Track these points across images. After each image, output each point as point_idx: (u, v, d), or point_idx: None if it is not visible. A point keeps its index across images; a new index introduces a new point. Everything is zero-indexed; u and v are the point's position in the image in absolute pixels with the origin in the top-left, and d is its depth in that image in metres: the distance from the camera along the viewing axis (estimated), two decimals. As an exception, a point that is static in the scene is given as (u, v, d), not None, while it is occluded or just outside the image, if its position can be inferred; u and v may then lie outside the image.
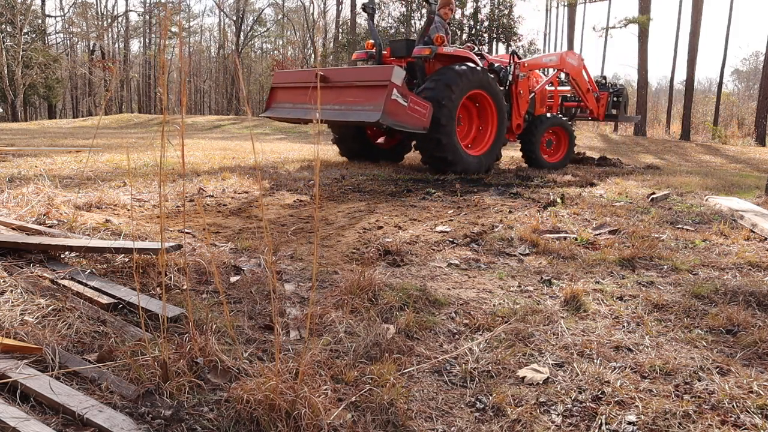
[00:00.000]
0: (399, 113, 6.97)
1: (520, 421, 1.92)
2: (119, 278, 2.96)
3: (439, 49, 7.85)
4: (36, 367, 1.99)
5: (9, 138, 13.36)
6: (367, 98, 7.14)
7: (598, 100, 10.65)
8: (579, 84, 10.30)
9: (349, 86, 7.41)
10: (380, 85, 6.96)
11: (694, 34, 23.46)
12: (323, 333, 2.50)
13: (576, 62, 10.24)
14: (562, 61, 9.99)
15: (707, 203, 6.02)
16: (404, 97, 7.00)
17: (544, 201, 5.83)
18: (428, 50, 7.75)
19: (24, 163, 7.42)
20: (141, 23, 52.49)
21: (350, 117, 7.27)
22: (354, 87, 7.37)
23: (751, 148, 20.40)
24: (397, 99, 6.89)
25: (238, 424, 1.79)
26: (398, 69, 6.95)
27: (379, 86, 6.99)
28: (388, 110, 6.89)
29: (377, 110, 6.82)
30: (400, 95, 6.94)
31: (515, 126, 9.20)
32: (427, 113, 7.28)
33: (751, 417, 1.96)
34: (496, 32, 28.44)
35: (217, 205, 5.27)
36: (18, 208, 4.17)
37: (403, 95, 6.98)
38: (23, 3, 31.41)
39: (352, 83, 7.43)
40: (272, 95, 8.75)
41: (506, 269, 3.63)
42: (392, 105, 6.89)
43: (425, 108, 7.25)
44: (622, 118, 11.17)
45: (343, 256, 3.80)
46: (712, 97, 31.77)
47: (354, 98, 7.31)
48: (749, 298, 3.04)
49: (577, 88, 10.34)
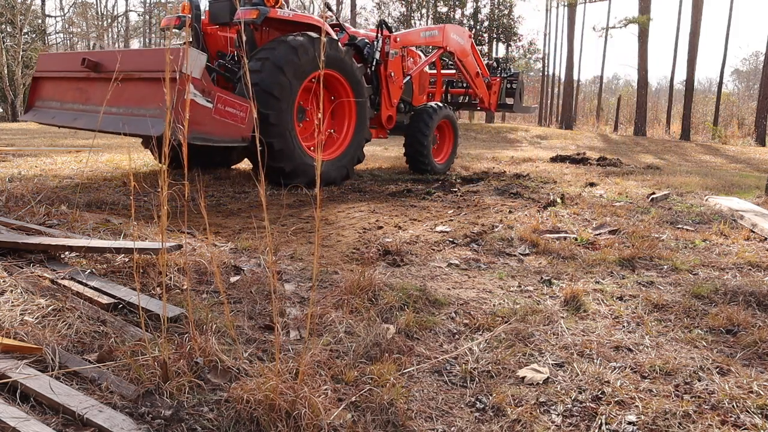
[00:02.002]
0: (201, 121, 4.96)
1: (520, 421, 1.92)
2: (119, 278, 2.96)
3: (272, 11, 5.80)
4: (36, 367, 1.99)
5: (9, 138, 13.36)
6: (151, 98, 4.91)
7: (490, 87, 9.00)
8: (466, 67, 8.51)
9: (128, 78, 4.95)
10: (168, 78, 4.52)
11: (694, 34, 23.44)
12: (323, 333, 2.50)
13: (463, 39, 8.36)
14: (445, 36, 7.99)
15: (707, 203, 6.02)
16: (207, 95, 5.01)
17: (544, 201, 5.83)
18: (255, 13, 5.66)
19: (24, 163, 7.43)
20: (141, 23, 52.52)
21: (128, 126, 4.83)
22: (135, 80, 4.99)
23: (751, 148, 20.40)
24: (196, 100, 4.92)
25: (238, 424, 1.79)
26: (195, 53, 4.88)
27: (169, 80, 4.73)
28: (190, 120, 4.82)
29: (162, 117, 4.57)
30: (201, 93, 4.96)
31: (385, 118, 7.33)
32: (246, 117, 5.31)
33: (751, 417, 1.96)
34: (496, 32, 28.42)
35: (217, 205, 5.27)
36: (18, 208, 4.17)
37: (206, 93, 5.00)
38: (23, 3, 31.41)
39: (131, 74, 4.97)
40: (35, 89, 6.28)
41: (506, 269, 3.63)
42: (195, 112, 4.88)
43: (243, 110, 5.28)
44: (518, 108, 9.52)
45: (343, 256, 3.80)
46: (712, 97, 31.76)
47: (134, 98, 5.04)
48: (749, 298, 3.04)
49: (464, 72, 8.54)
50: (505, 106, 9.44)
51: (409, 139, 7.60)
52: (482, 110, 9.57)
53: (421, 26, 8.29)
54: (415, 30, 8.17)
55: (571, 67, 28.33)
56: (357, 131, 6.60)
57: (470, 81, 8.73)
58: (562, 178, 8.04)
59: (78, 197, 4.84)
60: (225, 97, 5.17)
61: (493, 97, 9.11)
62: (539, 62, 35.04)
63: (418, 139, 7.46)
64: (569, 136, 21.25)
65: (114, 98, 5.01)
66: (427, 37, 7.96)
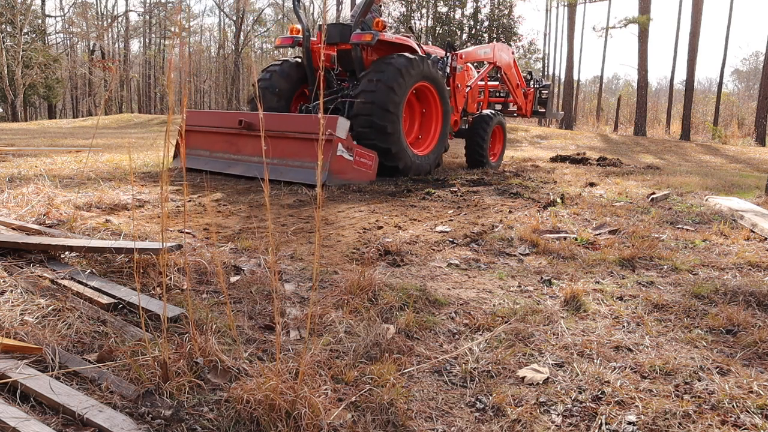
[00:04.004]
0: (345, 170, 6.26)
1: (520, 421, 1.92)
2: (119, 278, 2.96)
3: (381, 35, 7.06)
4: (36, 367, 1.99)
5: (9, 138, 13.36)
6: (309, 154, 6.20)
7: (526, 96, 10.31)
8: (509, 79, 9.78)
9: (283, 137, 6.35)
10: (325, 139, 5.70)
11: (694, 35, 23.45)
12: (323, 333, 2.50)
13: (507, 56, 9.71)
14: (495, 53, 9.40)
15: (707, 203, 6.02)
16: (349, 150, 6.30)
17: (544, 201, 5.83)
18: (369, 36, 6.98)
19: (24, 163, 7.42)
20: (141, 23, 52.48)
21: (288, 176, 6.22)
22: (289, 138, 6.35)
23: (751, 148, 20.40)
24: (342, 155, 6.15)
25: (238, 424, 1.79)
26: (343, 120, 6.22)
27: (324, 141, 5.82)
28: (333, 169, 6.16)
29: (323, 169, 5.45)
30: (346, 150, 6.23)
31: (452, 122, 8.43)
32: (372, 164, 6.65)
33: (751, 417, 1.96)
34: (496, 32, 28.42)
35: (218, 205, 5.27)
36: (18, 208, 4.17)
37: (348, 149, 6.28)
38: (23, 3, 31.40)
39: (285, 134, 6.38)
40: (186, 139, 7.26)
41: (506, 269, 3.63)
42: (338, 163, 6.11)
43: (371, 159, 6.62)
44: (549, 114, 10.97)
45: (343, 256, 3.80)
46: (712, 97, 31.77)
47: (292, 152, 6.33)
48: (749, 298, 3.04)
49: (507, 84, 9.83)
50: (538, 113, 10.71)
51: (471, 140, 8.78)
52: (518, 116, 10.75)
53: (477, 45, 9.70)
54: (474, 48, 9.52)
55: (571, 67, 28.34)
56: (442, 131, 7.86)
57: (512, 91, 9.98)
58: (562, 178, 8.04)
59: (78, 197, 4.84)
60: (360, 151, 6.50)
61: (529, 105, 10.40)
62: (539, 62, 35.08)
63: (478, 141, 8.69)
64: (569, 136, 21.25)
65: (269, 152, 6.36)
66: (482, 55, 9.37)
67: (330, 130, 6.02)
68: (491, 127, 8.77)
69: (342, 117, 6.29)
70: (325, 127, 6.00)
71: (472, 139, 8.72)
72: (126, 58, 49.89)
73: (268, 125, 6.55)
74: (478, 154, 8.75)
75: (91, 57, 46.95)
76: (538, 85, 10.53)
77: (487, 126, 8.69)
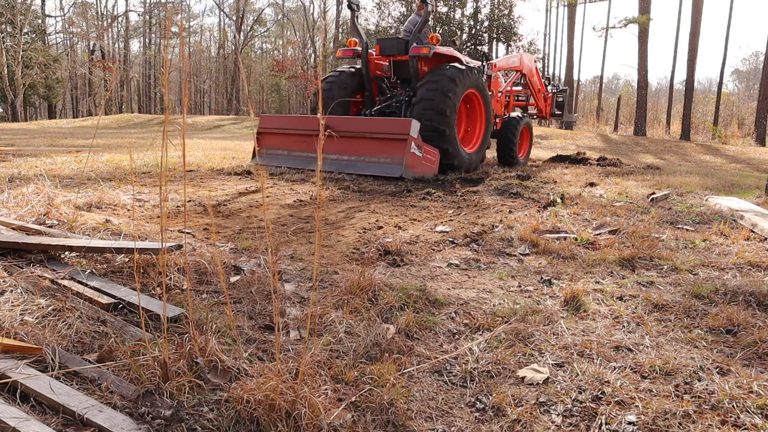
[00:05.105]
0: (416, 165, 7.29)
1: (520, 421, 1.92)
2: (119, 278, 2.96)
3: (436, 48, 7.98)
4: (36, 367, 1.99)
5: (9, 138, 13.36)
6: (385, 151, 7.28)
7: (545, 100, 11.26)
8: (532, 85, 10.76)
9: (359, 137, 7.43)
10: (400, 138, 7.13)
11: (694, 35, 23.45)
12: (323, 333, 2.50)
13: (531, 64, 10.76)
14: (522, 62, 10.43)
15: (707, 203, 6.02)
16: (420, 148, 7.29)
17: (544, 201, 5.82)
18: (426, 49, 7.91)
19: (24, 163, 7.42)
20: (141, 23, 52.47)
21: (366, 170, 7.32)
22: (366, 138, 7.42)
23: (751, 148, 20.40)
24: (414, 152, 7.21)
25: (238, 424, 1.79)
26: (415, 122, 7.16)
27: (398, 140, 7.15)
28: (408, 164, 7.13)
29: (398, 164, 7.08)
30: (417, 147, 7.23)
31: None
32: (435, 160, 7.61)
33: (751, 417, 1.96)
34: (496, 32, 28.42)
35: (218, 205, 5.27)
36: (18, 208, 4.17)
37: (418, 147, 7.26)
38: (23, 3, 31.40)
39: (363, 134, 7.46)
40: (261, 140, 8.42)
41: (506, 269, 3.63)
42: (411, 158, 7.21)
43: (434, 156, 7.59)
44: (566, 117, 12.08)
45: (343, 256, 3.80)
46: (712, 97, 31.77)
47: (368, 150, 7.40)
48: (749, 298, 3.04)
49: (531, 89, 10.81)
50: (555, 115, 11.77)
51: (502, 140, 9.59)
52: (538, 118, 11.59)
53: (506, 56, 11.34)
54: (504, 58, 10.54)
55: (571, 67, 28.34)
56: (486, 132, 8.81)
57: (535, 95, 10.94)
58: (562, 178, 8.04)
59: (78, 197, 4.84)
60: (427, 148, 7.42)
61: (548, 108, 11.41)
62: (539, 62, 35.01)
63: (509, 139, 9.49)
64: (569, 136, 21.25)
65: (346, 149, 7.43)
66: (510, 64, 10.34)
67: (405, 131, 7.05)
68: (519, 128, 9.59)
69: (414, 119, 7.19)
70: (401, 128, 7.12)
71: (503, 139, 9.54)
72: (126, 58, 49.89)
73: (346, 127, 7.54)
74: (509, 151, 9.58)
75: (91, 57, 46.94)
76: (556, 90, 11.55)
77: (516, 128, 9.51)
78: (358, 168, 7.35)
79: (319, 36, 45.04)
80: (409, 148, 7.08)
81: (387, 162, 7.22)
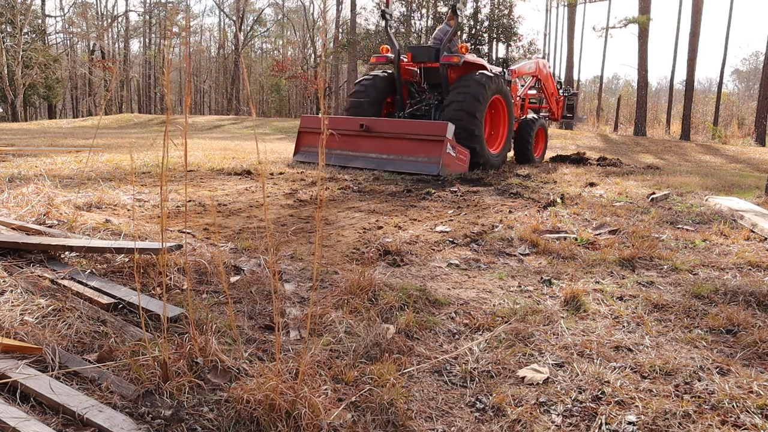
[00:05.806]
0: (450, 163, 7.88)
1: (520, 421, 1.92)
2: (119, 278, 2.96)
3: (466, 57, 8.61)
4: (36, 367, 1.99)
5: (9, 138, 13.36)
6: (422, 151, 7.88)
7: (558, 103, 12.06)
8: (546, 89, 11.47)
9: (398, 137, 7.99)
10: (437, 139, 7.68)
11: (694, 35, 23.45)
12: (323, 333, 2.50)
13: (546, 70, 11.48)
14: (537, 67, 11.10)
15: (707, 203, 6.02)
16: (454, 148, 7.87)
17: (544, 201, 5.83)
18: (457, 58, 8.56)
19: (24, 163, 7.42)
20: (141, 23, 52.47)
21: (404, 168, 7.83)
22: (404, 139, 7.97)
23: (751, 148, 20.40)
24: (450, 152, 7.80)
25: (238, 424, 1.79)
26: (451, 125, 7.73)
27: (435, 140, 7.69)
28: (444, 163, 7.70)
29: (435, 163, 7.67)
30: (451, 148, 7.82)
31: None
32: (467, 159, 8.21)
33: (751, 417, 1.96)
34: (496, 32, 28.38)
35: (218, 205, 5.27)
36: (18, 208, 4.17)
37: (453, 147, 7.83)
38: (23, 3, 31.40)
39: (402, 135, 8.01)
40: (301, 139, 9.05)
41: (506, 269, 3.63)
42: (447, 158, 7.78)
43: (466, 155, 8.19)
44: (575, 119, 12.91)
45: (343, 256, 3.79)
46: (712, 97, 31.77)
47: (406, 149, 7.95)
48: (749, 298, 3.04)
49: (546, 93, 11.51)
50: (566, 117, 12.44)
51: (519, 140, 10.15)
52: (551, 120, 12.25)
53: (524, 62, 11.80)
54: (522, 64, 11.19)
55: (571, 67, 28.34)
56: (508, 134, 9.44)
57: (548, 99, 11.63)
58: (562, 178, 8.05)
59: (78, 197, 4.83)
60: (460, 149, 8.03)
61: (559, 111, 12.09)
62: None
63: (526, 139, 10.10)
64: (569, 136, 21.25)
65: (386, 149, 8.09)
66: (527, 69, 10.93)
67: (442, 133, 7.65)
68: (535, 129, 10.21)
69: (450, 123, 7.77)
70: (438, 130, 7.70)
71: (520, 140, 10.14)
72: (126, 58, 49.88)
73: (385, 128, 8.15)
74: (525, 150, 10.18)
75: (91, 57, 46.93)
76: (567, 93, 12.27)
77: (531, 129, 10.13)
78: (396, 166, 7.85)
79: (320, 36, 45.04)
80: (445, 149, 7.64)
81: (425, 161, 7.77)
